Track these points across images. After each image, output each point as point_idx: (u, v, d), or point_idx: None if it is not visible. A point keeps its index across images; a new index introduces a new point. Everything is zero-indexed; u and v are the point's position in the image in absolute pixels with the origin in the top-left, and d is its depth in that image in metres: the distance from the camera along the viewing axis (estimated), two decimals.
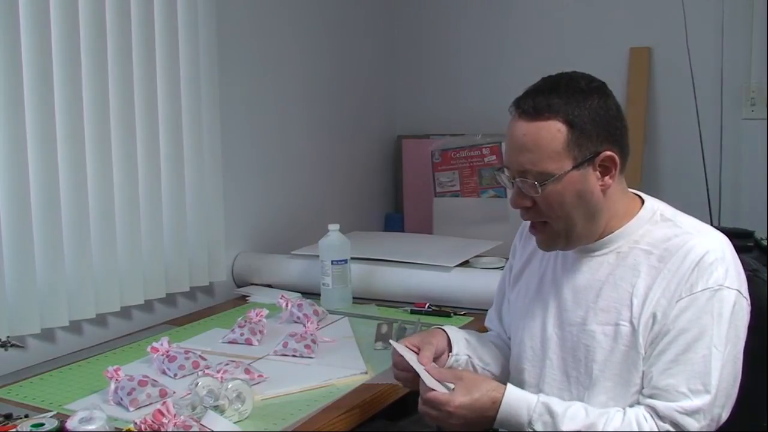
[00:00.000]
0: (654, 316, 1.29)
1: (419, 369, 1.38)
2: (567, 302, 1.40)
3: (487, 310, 1.76)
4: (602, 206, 1.34)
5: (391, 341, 1.52)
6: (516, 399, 1.32)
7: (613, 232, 1.36)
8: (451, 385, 1.35)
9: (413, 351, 1.44)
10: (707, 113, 2.71)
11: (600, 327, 1.34)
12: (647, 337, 1.30)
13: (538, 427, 1.28)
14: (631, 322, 1.31)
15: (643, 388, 1.30)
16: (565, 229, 1.34)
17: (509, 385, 1.34)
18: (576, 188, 1.31)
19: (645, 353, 1.30)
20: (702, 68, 2.69)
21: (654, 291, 1.30)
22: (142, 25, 2.08)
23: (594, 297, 1.36)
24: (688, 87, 2.68)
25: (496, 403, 1.31)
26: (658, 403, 1.26)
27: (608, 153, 1.31)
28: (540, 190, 1.30)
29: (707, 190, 2.66)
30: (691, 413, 1.24)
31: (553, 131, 1.29)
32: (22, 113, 1.78)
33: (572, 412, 1.28)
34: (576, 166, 1.29)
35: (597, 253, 1.38)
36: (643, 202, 1.40)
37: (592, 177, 1.31)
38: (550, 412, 1.29)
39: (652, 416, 1.26)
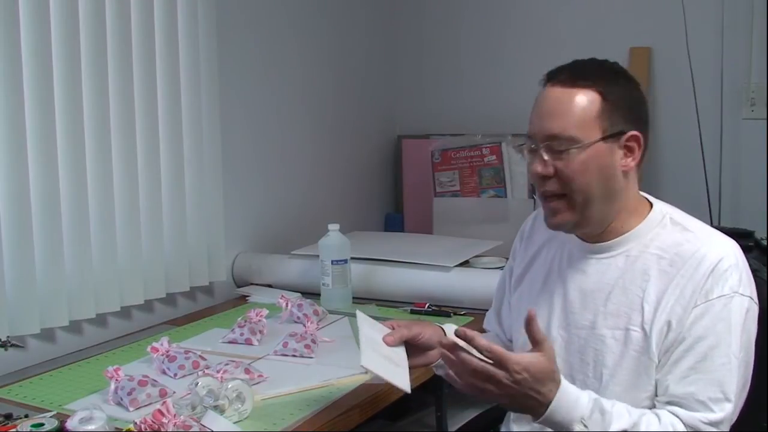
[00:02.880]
0: (669, 323, 1.28)
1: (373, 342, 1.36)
2: (574, 304, 1.38)
3: (486, 310, 1.76)
4: (620, 190, 1.33)
5: (357, 310, 1.47)
6: (571, 389, 1.24)
7: (622, 234, 1.36)
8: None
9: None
10: (707, 113, 2.71)
11: (610, 331, 1.33)
12: (661, 345, 1.28)
13: (591, 425, 1.22)
14: (643, 328, 1.30)
15: (656, 395, 1.29)
16: (582, 204, 1.31)
17: (563, 378, 1.26)
18: (600, 161, 1.30)
19: (659, 361, 1.29)
20: (702, 68, 2.69)
21: (667, 297, 1.29)
22: (142, 25, 2.08)
23: (603, 300, 1.35)
24: (688, 87, 2.67)
25: (556, 384, 1.22)
26: (680, 411, 1.24)
27: (635, 133, 1.31)
28: (565, 157, 1.29)
29: (707, 190, 2.66)
30: (716, 424, 1.23)
31: (587, 99, 1.30)
32: (22, 113, 1.78)
33: (618, 410, 1.24)
34: (604, 138, 1.29)
35: (605, 255, 1.37)
36: (651, 205, 1.39)
37: (617, 154, 1.31)
38: (601, 410, 1.23)
39: (681, 423, 1.24)
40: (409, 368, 1.41)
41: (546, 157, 1.31)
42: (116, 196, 2.03)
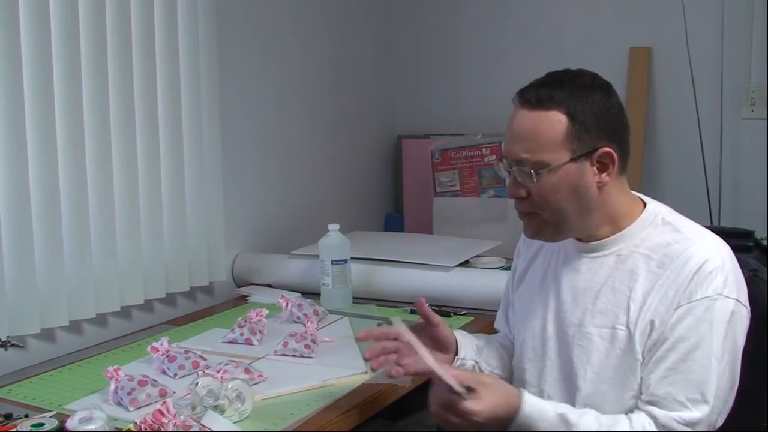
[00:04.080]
0: (652, 323, 1.29)
1: (435, 366, 1.30)
2: (566, 303, 1.40)
3: (487, 310, 1.76)
4: (597, 203, 1.33)
5: (392, 319, 1.43)
6: (534, 410, 1.28)
7: (614, 234, 1.36)
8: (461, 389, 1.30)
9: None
10: (707, 113, 2.71)
11: (597, 329, 1.34)
12: (645, 344, 1.29)
13: None
14: (628, 327, 1.31)
15: (641, 393, 1.30)
16: (556, 222, 1.34)
17: (526, 394, 1.30)
18: (571, 181, 1.30)
19: (643, 360, 1.30)
20: (702, 68, 2.69)
21: (652, 297, 1.30)
22: (142, 25, 2.08)
23: (592, 299, 1.36)
24: (688, 87, 2.68)
25: (515, 411, 1.28)
26: (657, 411, 1.26)
27: (607, 149, 1.31)
28: (535, 180, 1.30)
29: (707, 190, 2.66)
30: (690, 424, 1.24)
31: (554, 122, 1.29)
32: (22, 113, 1.78)
33: (585, 422, 1.27)
34: (573, 159, 1.29)
35: (597, 255, 1.38)
36: (645, 205, 1.39)
37: (589, 172, 1.31)
38: (566, 423, 1.27)
39: (654, 423, 1.26)
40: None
41: (518, 179, 1.33)
42: (116, 196, 2.03)
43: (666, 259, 1.31)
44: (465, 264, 2.32)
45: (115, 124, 2.02)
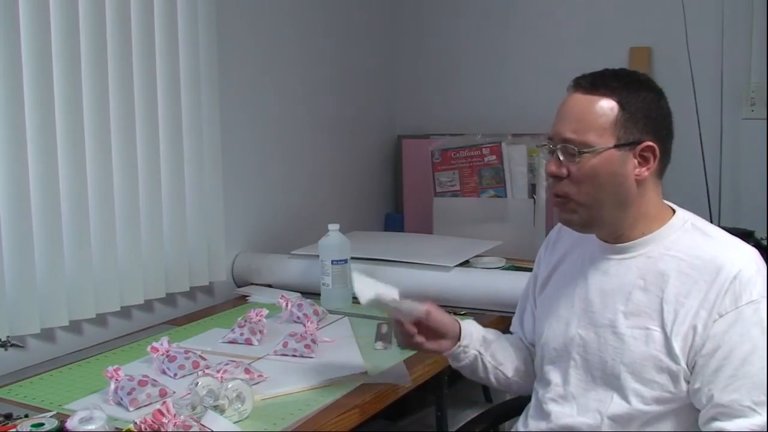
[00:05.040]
0: (694, 328, 1.29)
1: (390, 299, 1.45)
2: (594, 304, 1.40)
3: (487, 310, 1.76)
4: (633, 198, 1.35)
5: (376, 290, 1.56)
6: None
7: (644, 236, 1.38)
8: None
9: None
10: (707, 113, 2.71)
11: (629, 330, 1.35)
12: (688, 350, 1.30)
13: None
14: (663, 329, 1.32)
15: (700, 408, 1.30)
16: (590, 207, 1.35)
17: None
18: (612, 168, 1.33)
19: (687, 367, 1.30)
20: (702, 68, 2.69)
21: (690, 302, 1.30)
22: (142, 25, 2.08)
23: (623, 300, 1.37)
24: (688, 87, 2.67)
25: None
26: (726, 425, 1.25)
27: (650, 143, 1.34)
28: (578, 160, 1.33)
29: (707, 190, 2.66)
30: (761, 426, 1.24)
31: (605, 107, 1.33)
32: (22, 113, 1.78)
33: None
34: (617, 146, 1.32)
35: (626, 256, 1.39)
36: (674, 212, 1.42)
37: (630, 163, 1.34)
38: None
39: None
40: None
41: (561, 159, 1.35)
42: (116, 196, 2.03)
43: (698, 262, 1.32)
44: (465, 264, 2.32)
45: (115, 124, 2.02)
